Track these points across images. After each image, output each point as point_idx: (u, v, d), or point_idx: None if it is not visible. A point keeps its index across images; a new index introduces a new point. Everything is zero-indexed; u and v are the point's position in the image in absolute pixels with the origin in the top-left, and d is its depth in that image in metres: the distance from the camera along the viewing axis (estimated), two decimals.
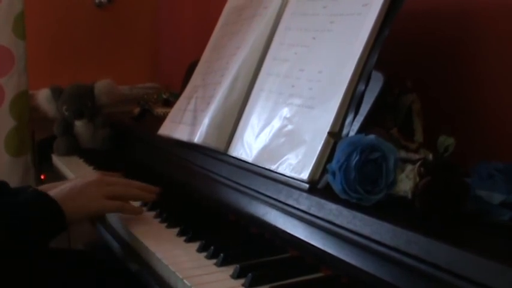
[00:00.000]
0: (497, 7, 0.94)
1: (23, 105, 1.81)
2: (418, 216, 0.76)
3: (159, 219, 1.06)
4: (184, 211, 1.10)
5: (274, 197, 0.93)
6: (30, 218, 0.91)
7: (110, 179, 1.08)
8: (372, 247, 0.74)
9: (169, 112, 1.36)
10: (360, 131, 0.86)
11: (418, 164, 0.80)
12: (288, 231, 0.89)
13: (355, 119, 0.88)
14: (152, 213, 1.09)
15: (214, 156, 1.13)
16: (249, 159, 1.02)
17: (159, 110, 1.70)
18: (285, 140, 0.95)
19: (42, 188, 1.13)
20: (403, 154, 0.85)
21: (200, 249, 0.90)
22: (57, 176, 1.59)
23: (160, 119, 1.42)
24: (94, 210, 1.01)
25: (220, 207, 1.09)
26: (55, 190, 0.99)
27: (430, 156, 0.83)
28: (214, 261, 0.85)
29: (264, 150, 0.99)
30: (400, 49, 1.04)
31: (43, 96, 1.70)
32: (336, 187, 0.80)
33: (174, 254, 0.89)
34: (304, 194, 0.87)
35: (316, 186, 0.88)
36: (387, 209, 0.78)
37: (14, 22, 1.77)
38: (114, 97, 1.73)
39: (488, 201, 0.74)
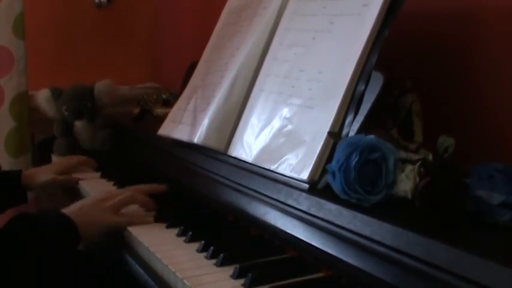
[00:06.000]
0: (497, 7, 0.94)
1: (23, 105, 1.81)
2: (418, 216, 0.76)
3: (159, 220, 1.06)
4: (184, 211, 1.10)
5: (274, 197, 0.93)
6: (45, 230, 0.96)
7: (116, 191, 1.14)
8: (372, 247, 0.74)
9: (169, 112, 1.36)
10: (360, 131, 0.86)
11: (417, 164, 0.80)
12: (288, 231, 0.89)
13: (355, 119, 0.88)
14: (152, 214, 1.09)
15: (214, 156, 1.13)
16: (249, 159, 1.01)
17: (159, 110, 1.70)
18: (285, 140, 0.95)
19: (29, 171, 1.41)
20: (402, 154, 0.85)
21: (200, 250, 0.90)
22: None
23: (160, 119, 1.41)
24: (105, 225, 1.04)
25: (220, 207, 1.09)
26: (67, 208, 1.05)
27: (430, 157, 0.83)
28: (214, 261, 0.85)
29: (264, 150, 0.99)
30: (400, 49, 1.04)
31: (43, 97, 1.69)
32: (336, 187, 0.80)
33: (174, 254, 0.89)
34: (304, 194, 0.87)
35: (316, 186, 0.88)
36: (387, 209, 0.78)
37: (14, 22, 1.77)
38: (114, 97, 1.72)
39: (488, 202, 0.74)
